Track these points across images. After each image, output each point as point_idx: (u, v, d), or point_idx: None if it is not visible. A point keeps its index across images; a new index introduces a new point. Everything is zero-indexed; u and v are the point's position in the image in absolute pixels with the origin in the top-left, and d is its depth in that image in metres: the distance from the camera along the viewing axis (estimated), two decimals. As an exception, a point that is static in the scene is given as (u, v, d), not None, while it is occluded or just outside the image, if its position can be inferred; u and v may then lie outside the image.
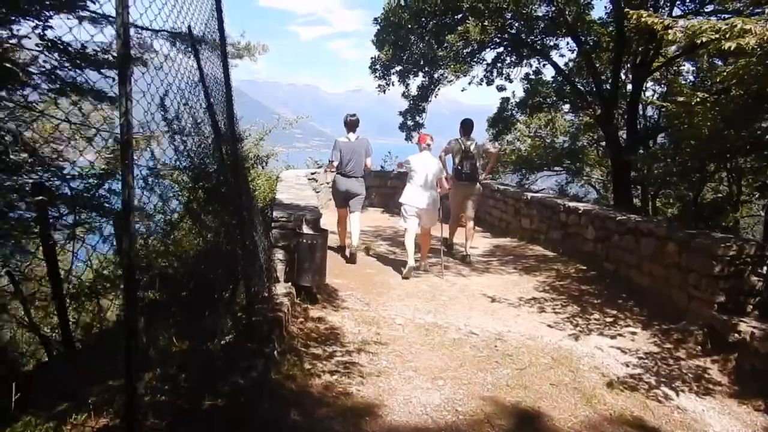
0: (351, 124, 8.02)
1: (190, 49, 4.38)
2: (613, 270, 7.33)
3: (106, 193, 5.10)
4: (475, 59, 13.42)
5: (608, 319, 6.19)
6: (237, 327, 4.26)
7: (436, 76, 14.31)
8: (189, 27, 4.38)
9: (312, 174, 11.77)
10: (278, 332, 4.09)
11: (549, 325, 5.97)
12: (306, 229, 5.42)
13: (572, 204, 8.71)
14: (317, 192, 11.79)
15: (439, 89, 14.49)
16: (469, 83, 14.18)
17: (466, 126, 8.68)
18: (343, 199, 8.08)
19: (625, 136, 13.62)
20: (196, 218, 5.22)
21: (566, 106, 16.79)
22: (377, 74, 13.26)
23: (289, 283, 5.42)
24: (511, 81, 15.02)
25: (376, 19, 12.95)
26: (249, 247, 4.39)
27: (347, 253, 7.97)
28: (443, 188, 7.85)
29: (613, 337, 5.74)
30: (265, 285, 4.77)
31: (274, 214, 5.59)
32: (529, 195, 10.02)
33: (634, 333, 5.86)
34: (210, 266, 4.62)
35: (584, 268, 7.83)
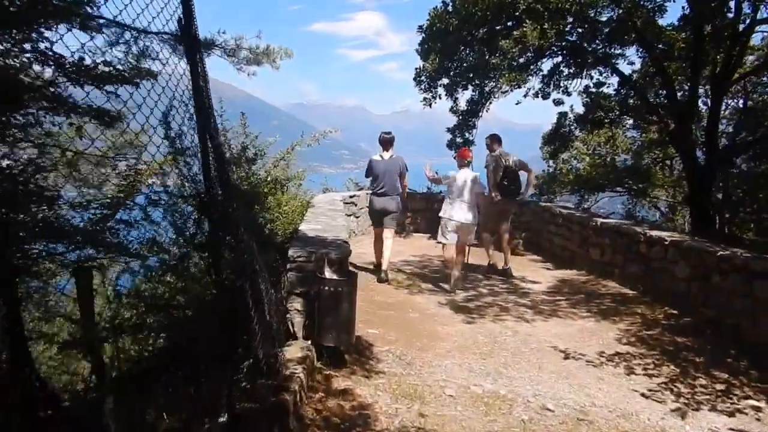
0: (385, 142, 7.91)
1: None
2: (715, 318, 5.92)
3: (115, 225, 4.32)
4: (532, 68, 12.13)
5: (719, 387, 4.80)
6: (241, 399, 3.16)
7: (487, 89, 13.10)
8: (179, 19, 3.34)
9: (351, 197, 10.68)
10: (281, 428, 2.92)
11: (643, 395, 4.62)
12: (329, 273, 4.26)
13: (656, 233, 7.32)
14: (357, 217, 10.70)
15: (490, 103, 13.25)
16: (525, 95, 12.88)
17: (495, 139, 8.91)
18: (378, 219, 7.90)
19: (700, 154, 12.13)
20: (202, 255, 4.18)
21: (629, 121, 15.36)
22: (422, 86, 12.08)
23: (309, 342, 4.27)
24: (569, 94, 13.65)
25: (420, 26, 11.82)
26: (249, 299, 3.27)
27: (381, 274, 7.71)
28: (481, 201, 7.88)
29: (730, 414, 4.37)
30: (272, 348, 3.62)
31: (291, 252, 4.45)
32: (599, 221, 8.65)
33: (757, 408, 4.46)
34: (201, 322, 3.51)
35: (675, 312, 6.43)
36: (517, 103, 13.07)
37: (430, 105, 12.29)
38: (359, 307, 5.56)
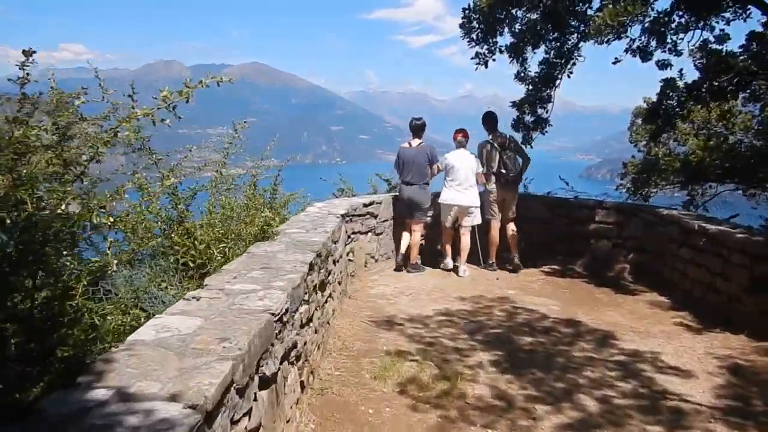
0: (415, 129, 7.47)
1: None
2: None
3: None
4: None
5: None
6: None
7: (569, 44, 9.25)
8: None
9: (366, 205, 7.10)
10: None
11: None
12: None
13: None
14: (377, 234, 7.15)
15: (574, 64, 9.35)
16: (626, 50, 9.00)
17: (490, 121, 7.80)
18: (405, 209, 7.49)
19: None
20: None
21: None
22: (473, 36, 8.16)
23: None
24: (678, 53, 9.69)
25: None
26: None
27: (409, 267, 7.38)
28: (481, 182, 7.56)
29: None
30: None
31: None
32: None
33: None
34: None
35: None
36: (614, 62, 9.12)
37: (486, 64, 8.46)
38: None
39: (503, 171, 7.48)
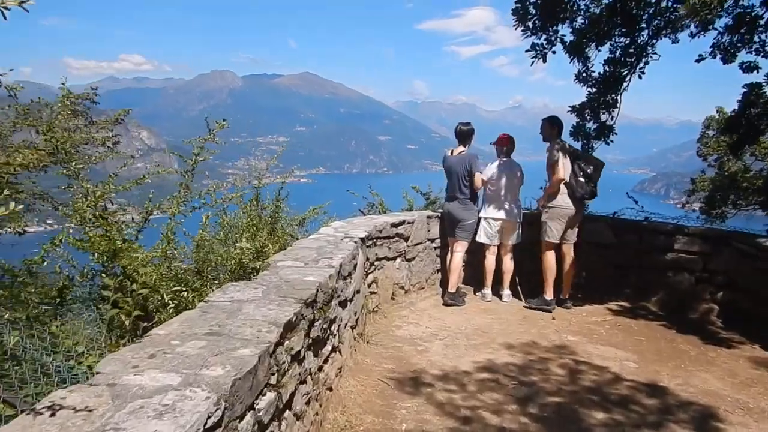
0: (460, 135, 6.54)
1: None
2: None
3: None
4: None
5: None
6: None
7: (641, 39, 7.92)
8: None
9: (395, 225, 5.93)
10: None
11: None
12: None
13: None
14: (408, 260, 6.01)
15: (646, 63, 7.99)
16: (712, 47, 7.63)
17: (558, 125, 6.44)
18: (447, 226, 6.62)
19: None
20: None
21: None
22: (529, 24, 6.82)
23: None
24: (767, 54, 8.22)
25: None
26: None
27: (445, 296, 6.33)
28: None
29: None
30: None
31: None
32: None
33: None
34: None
35: None
36: (698, 60, 7.72)
37: (544, 57, 7.12)
38: None
39: (581, 180, 6.16)
